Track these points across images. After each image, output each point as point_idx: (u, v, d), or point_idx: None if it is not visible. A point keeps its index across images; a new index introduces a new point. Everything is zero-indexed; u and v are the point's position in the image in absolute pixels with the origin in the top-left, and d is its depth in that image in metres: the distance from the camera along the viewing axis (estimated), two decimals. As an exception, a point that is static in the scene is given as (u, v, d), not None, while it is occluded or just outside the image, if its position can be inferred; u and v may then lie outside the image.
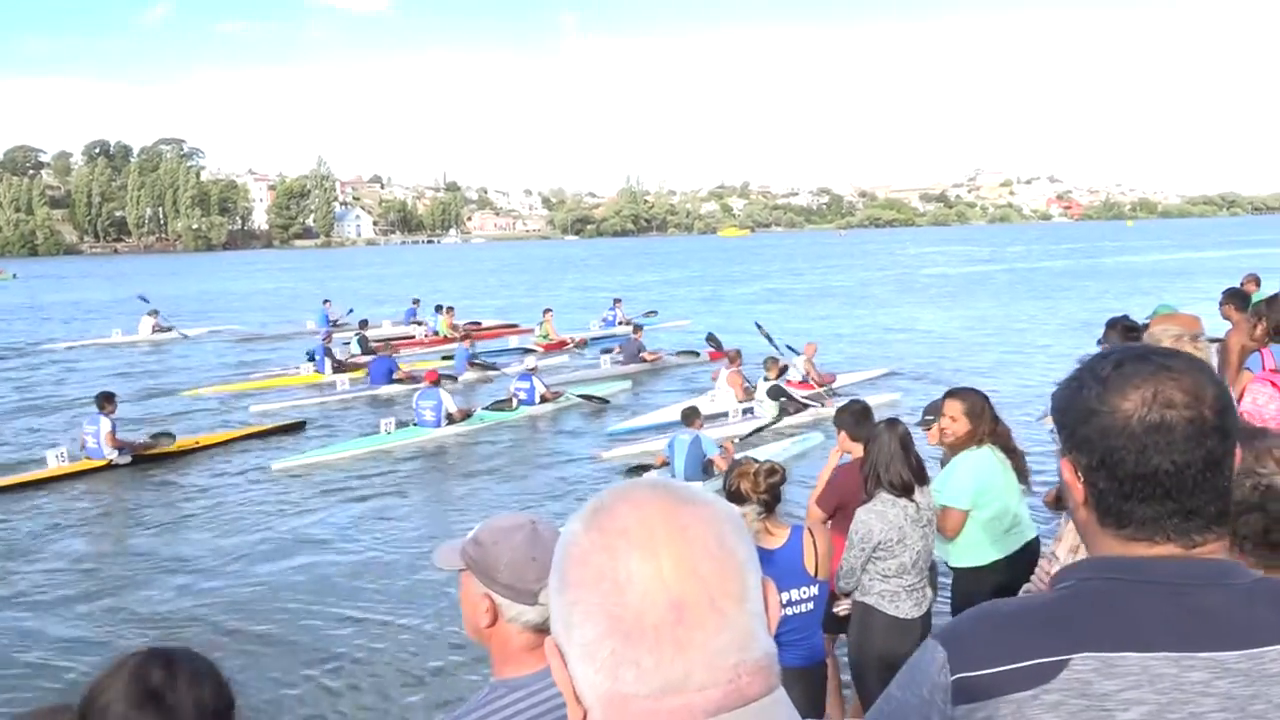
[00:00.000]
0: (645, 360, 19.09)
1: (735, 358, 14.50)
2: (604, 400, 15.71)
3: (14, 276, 74.53)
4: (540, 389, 15.18)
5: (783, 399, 13.41)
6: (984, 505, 4.53)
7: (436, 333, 24.45)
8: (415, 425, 13.45)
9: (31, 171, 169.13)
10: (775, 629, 0.80)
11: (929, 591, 4.38)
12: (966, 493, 4.52)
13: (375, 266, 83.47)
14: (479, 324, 26.87)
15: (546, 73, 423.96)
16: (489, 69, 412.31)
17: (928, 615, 4.33)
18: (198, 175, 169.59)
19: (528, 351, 21.23)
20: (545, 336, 22.61)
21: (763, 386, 13.69)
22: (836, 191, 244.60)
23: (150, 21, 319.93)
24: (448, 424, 13.56)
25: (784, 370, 14.18)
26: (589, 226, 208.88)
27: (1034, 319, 26.80)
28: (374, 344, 21.08)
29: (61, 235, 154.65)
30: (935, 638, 1.23)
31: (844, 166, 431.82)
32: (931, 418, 5.02)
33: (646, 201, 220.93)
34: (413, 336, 24.79)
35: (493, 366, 18.97)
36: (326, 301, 28.44)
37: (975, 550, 4.58)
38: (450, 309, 25.65)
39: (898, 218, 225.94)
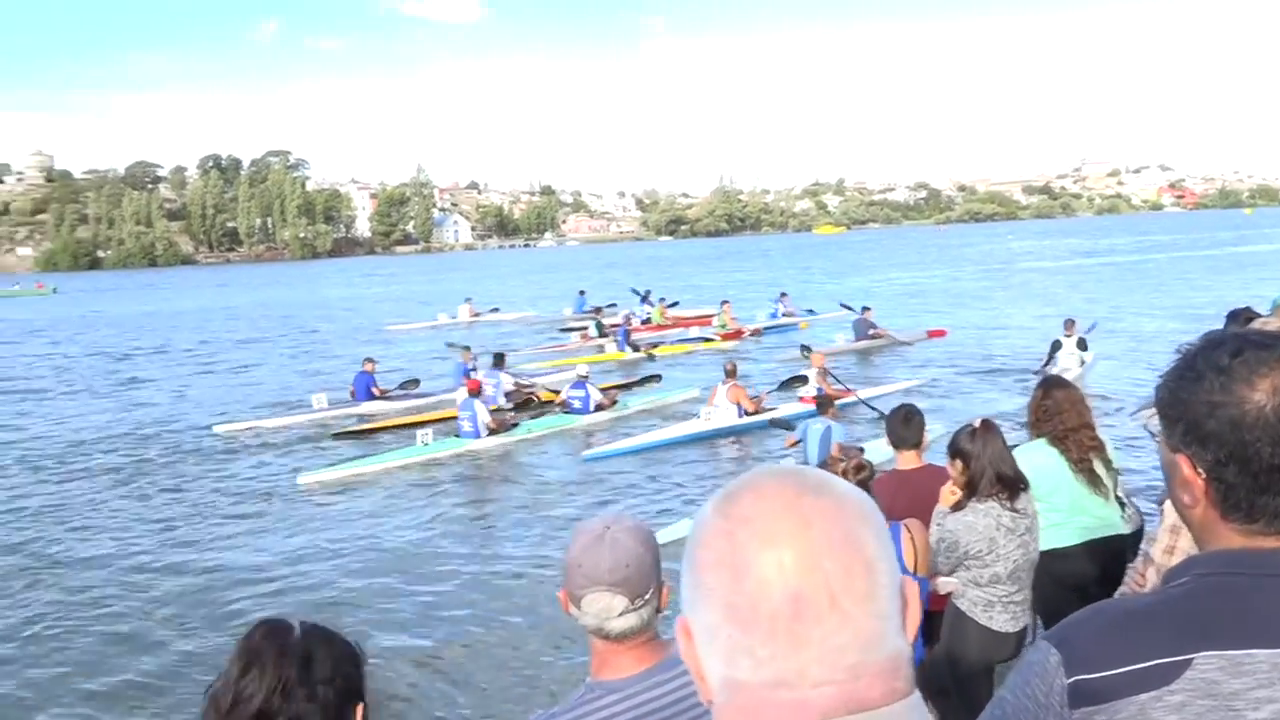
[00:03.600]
0: (874, 337, 20.70)
1: (733, 371, 13.88)
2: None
3: (54, 290, 77.35)
4: (596, 397, 14.75)
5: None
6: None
7: (648, 321, 25.21)
8: (456, 436, 13.37)
9: (150, 186, 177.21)
10: (914, 633, 0.78)
11: (1028, 605, 4.10)
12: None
13: (485, 269, 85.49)
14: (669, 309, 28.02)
15: (639, 75, 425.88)
16: (582, 74, 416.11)
17: (1024, 631, 4.08)
18: (303, 185, 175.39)
19: (706, 340, 22.89)
20: (723, 326, 23.76)
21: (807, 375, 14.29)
22: (934, 186, 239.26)
23: (260, 38, 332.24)
24: (487, 435, 13.35)
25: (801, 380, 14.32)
26: (683, 227, 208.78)
27: (1144, 311, 25.85)
28: (608, 328, 24.05)
29: (178, 246, 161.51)
30: (1047, 639, 1.19)
31: (942, 160, 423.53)
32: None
33: (740, 201, 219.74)
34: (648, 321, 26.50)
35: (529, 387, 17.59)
36: (582, 291, 33.00)
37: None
38: (662, 298, 27.76)
39: (999, 211, 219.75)
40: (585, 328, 25.56)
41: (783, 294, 28.58)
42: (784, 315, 26.64)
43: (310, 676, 1.53)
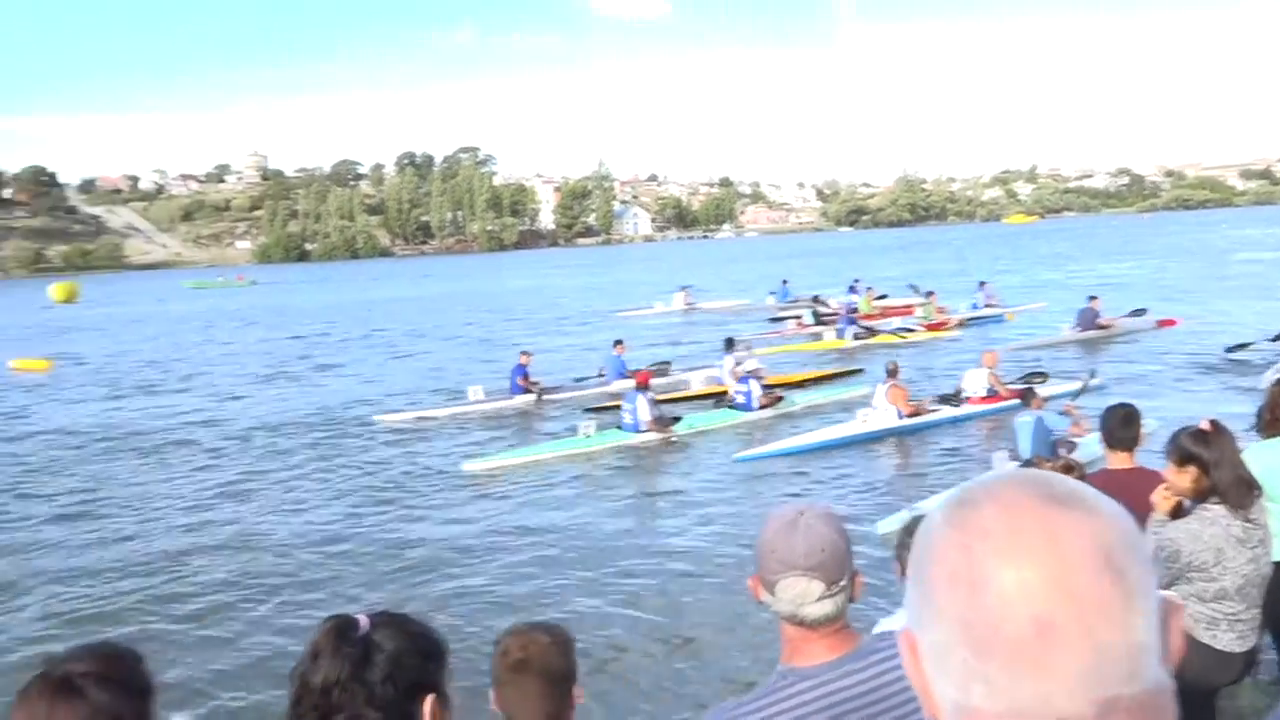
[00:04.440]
0: (1102, 327, 19.89)
1: (894, 371, 13.20)
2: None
3: (253, 283, 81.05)
4: (759, 394, 14.32)
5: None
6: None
7: (856, 309, 24.93)
8: (619, 429, 13.30)
9: (352, 183, 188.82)
10: (1178, 662, 0.71)
11: (1257, 623, 3.71)
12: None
13: (666, 260, 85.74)
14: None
15: (819, 65, 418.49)
16: (762, 65, 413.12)
17: (1253, 651, 3.71)
18: (491, 180, 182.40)
19: (909, 331, 22.31)
20: (927, 317, 23.38)
21: (975, 375, 13.53)
22: (1137, 171, 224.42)
23: (454, 40, 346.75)
24: (648, 429, 13.14)
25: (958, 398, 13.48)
26: (863, 217, 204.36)
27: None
28: (825, 316, 24.16)
29: (377, 239, 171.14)
30: None
31: (1146, 144, 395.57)
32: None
33: (924, 190, 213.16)
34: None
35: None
36: (785, 280, 33.66)
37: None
38: (869, 288, 27.60)
39: (1211, 198, 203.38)
40: (799, 316, 25.61)
41: (982, 283, 27.50)
42: (986, 306, 25.70)
43: (367, 671, 1.53)
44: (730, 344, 17.02)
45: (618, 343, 17.57)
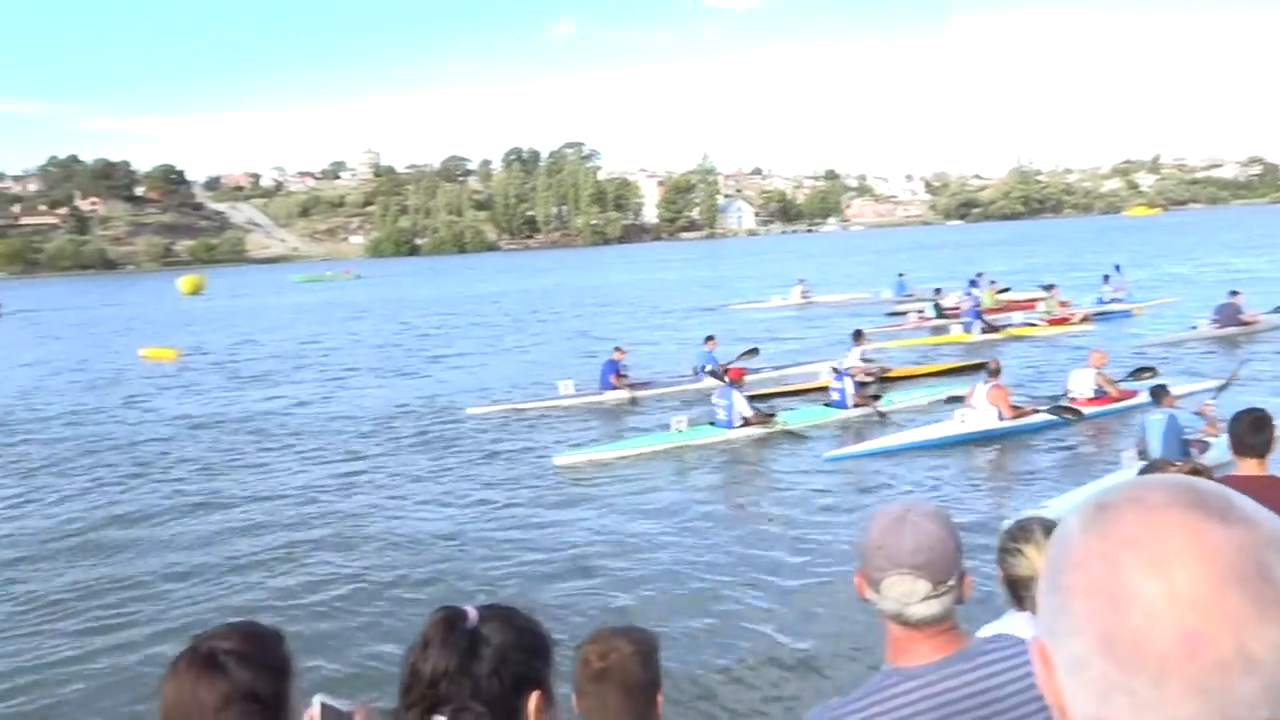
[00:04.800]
0: (1244, 323, 18.93)
1: (996, 370, 12.51)
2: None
3: (358, 276, 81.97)
4: (851, 392, 13.95)
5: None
6: None
7: (978, 304, 24.61)
8: (711, 425, 13.11)
9: (461, 178, 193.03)
10: None
11: None
12: None
13: (771, 254, 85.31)
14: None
15: (929, 54, 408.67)
16: (869, 54, 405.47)
17: None
18: (595, 175, 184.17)
19: (1030, 326, 21.87)
20: (1050, 312, 22.81)
21: (1082, 375, 12.90)
22: (1271, 160, 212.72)
23: (559, 36, 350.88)
24: (742, 426, 12.94)
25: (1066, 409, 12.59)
26: (974, 210, 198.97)
27: None
28: (947, 310, 24.10)
29: (484, 234, 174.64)
30: None
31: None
32: None
33: (1039, 181, 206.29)
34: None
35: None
36: (901, 274, 33.05)
37: None
38: (992, 281, 27.05)
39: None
40: (921, 309, 25.25)
41: (1108, 275, 26.27)
42: (1112, 300, 24.72)
43: (474, 665, 1.55)
44: (858, 336, 16.84)
45: (709, 338, 17.48)
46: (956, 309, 23.83)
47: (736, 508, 10.31)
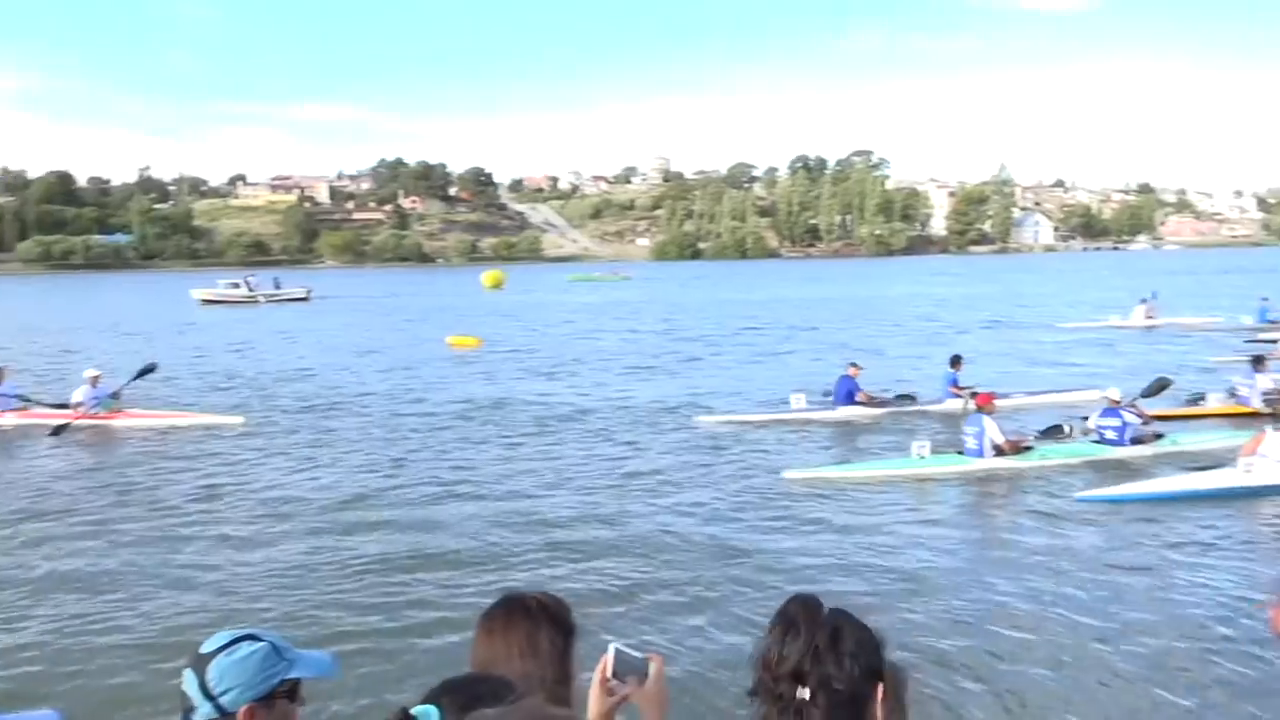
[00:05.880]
0: None
1: None
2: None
3: (627, 278, 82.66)
4: (1134, 427, 12.57)
5: None
6: None
7: None
8: (959, 454, 12.31)
9: (746, 185, 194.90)
10: None
11: None
12: None
13: (1076, 271, 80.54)
14: None
15: (1269, 61, 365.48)
16: (1195, 63, 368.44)
17: None
18: (883, 184, 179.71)
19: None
20: None
21: None
22: None
23: (857, 44, 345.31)
24: (994, 455, 12.07)
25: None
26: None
27: None
28: None
29: (765, 240, 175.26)
30: None
31: None
32: None
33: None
34: None
35: None
36: (1264, 298, 29.94)
37: None
38: None
39: None
40: None
41: None
42: None
43: (838, 646, 1.66)
44: (1259, 362, 15.67)
45: (956, 360, 16.46)
46: None
47: (970, 544, 9.56)
